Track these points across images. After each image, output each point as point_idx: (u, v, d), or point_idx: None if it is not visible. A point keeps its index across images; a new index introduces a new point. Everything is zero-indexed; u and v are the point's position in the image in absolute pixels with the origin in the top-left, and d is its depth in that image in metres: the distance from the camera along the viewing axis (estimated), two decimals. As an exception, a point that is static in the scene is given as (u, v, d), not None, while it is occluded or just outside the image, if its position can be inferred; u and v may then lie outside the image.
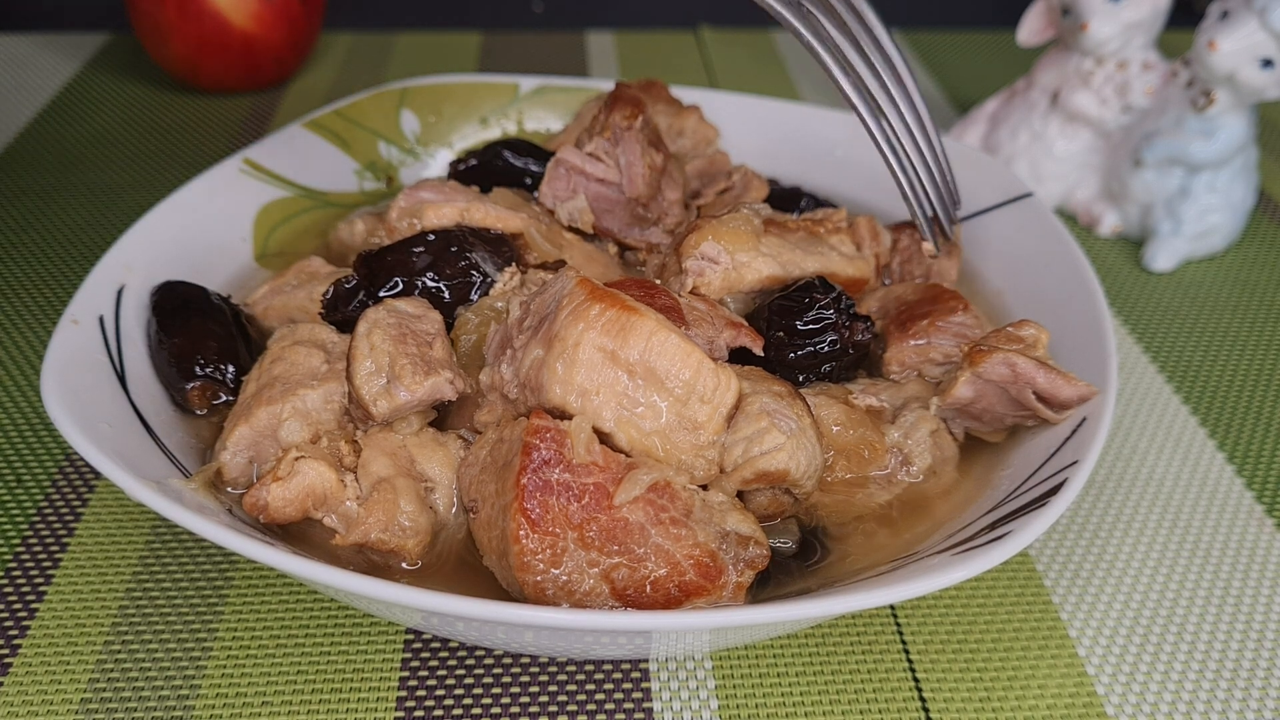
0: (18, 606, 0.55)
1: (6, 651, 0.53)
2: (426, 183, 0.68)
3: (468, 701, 0.51)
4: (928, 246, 0.66)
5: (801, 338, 0.58)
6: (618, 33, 1.34)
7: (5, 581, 0.56)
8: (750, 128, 0.85)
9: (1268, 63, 0.78)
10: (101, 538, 0.59)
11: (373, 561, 0.51)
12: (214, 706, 0.50)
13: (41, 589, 0.56)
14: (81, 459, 0.64)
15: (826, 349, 0.58)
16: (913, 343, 0.60)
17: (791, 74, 1.25)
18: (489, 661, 0.53)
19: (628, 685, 0.52)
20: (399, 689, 0.51)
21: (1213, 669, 0.54)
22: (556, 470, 0.45)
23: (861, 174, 0.82)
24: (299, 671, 0.52)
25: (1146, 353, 0.78)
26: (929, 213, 0.65)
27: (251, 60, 1.08)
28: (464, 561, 0.51)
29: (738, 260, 0.61)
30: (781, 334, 0.58)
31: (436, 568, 0.51)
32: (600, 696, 0.51)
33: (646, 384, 0.47)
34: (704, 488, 0.49)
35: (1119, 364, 0.67)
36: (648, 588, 0.46)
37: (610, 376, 0.47)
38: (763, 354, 0.57)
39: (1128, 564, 0.59)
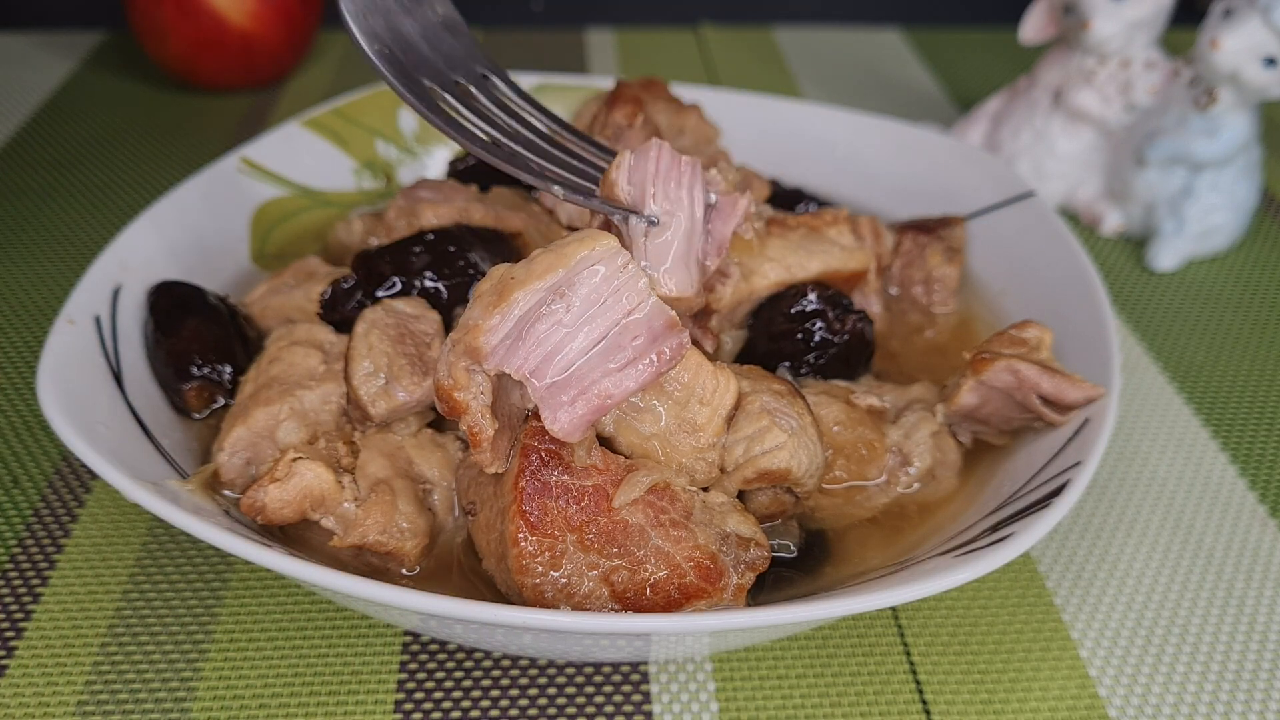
0: (14, 609, 0.55)
1: (3, 654, 0.52)
2: (425, 182, 0.68)
3: (466, 704, 0.51)
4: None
5: (790, 322, 0.58)
6: (618, 30, 1.33)
7: (1, 584, 0.56)
8: (751, 126, 0.85)
9: (1270, 61, 0.78)
10: (98, 539, 0.59)
11: (371, 563, 0.51)
12: (211, 709, 0.50)
13: (38, 590, 0.56)
14: (78, 460, 0.64)
15: (818, 338, 0.58)
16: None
17: (793, 72, 1.24)
18: (487, 664, 0.52)
19: (627, 688, 0.52)
20: (396, 691, 0.51)
21: (1215, 671, 0.53)
22: (555, 472, 0.45)
23: (863, 173, 0.81)
24: (296, 674, 0.52)
25: (1149, 353, 0.77)
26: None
27: (249, 59, 1.08)
28: (463, 563, 0.51)
29: (747, 269, 0.60)
30: (769, 320, 0.58)
31: (435, 569, 0.51)
32: (600, 699, 0.51)
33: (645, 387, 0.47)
34: (705, 489, 0.49)
35: (1122, 364, 0.67)
36: (647, 590, 0.45)
37: (609, 378, 0.47)
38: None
39: (1130, 566, 0.59)
